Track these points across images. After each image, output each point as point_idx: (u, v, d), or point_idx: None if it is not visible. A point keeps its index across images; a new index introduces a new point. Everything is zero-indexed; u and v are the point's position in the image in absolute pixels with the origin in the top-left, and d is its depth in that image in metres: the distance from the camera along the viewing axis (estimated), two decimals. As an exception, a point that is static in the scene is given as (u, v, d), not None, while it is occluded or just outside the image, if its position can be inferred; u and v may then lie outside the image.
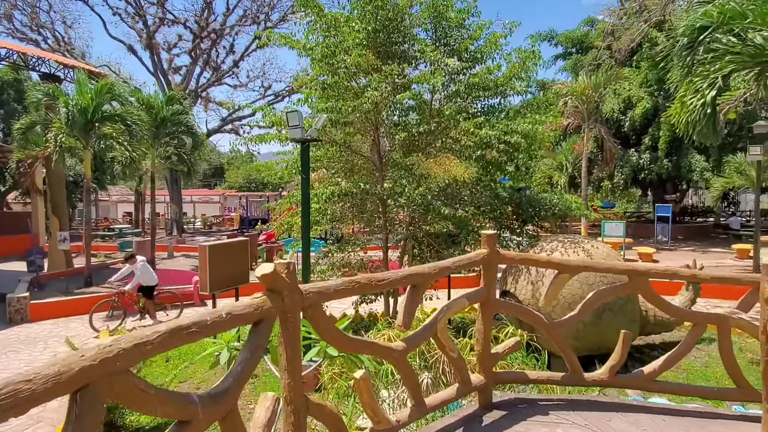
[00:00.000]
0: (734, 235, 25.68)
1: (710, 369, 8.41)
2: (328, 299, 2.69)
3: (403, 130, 8.66)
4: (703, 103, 6.69)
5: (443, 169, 7.55)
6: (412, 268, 3.24)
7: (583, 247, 8.33)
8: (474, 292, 3.75)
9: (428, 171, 7.72)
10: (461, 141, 8.63)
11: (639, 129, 24.07)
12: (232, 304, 2.30)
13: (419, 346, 4.35)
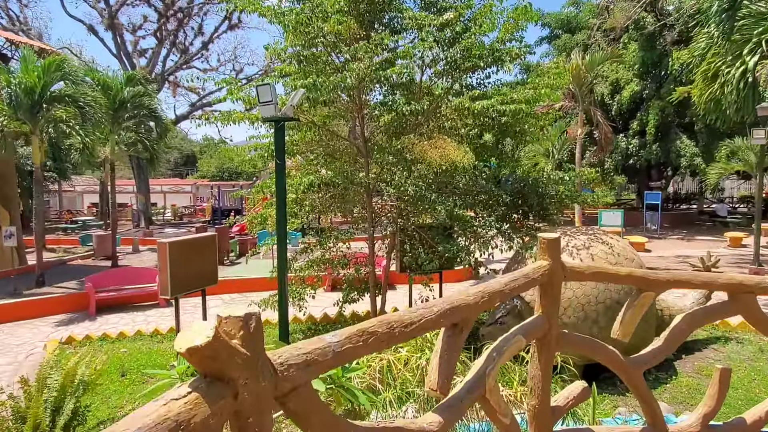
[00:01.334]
0: (721, 222, 25.29)
1: (735, 374, 7.55)
2: (324, 370, 1.59)
3: (390, 111, 7.54)
4: (744, 70, 5.74)
5: (439, 152, 6.49)
6: (451, 298, 2.16)
7: (602, 240, 7.36)
8: (530, 324, 2.71)
9: (422, 155, 6.65)
10: (455, 121, 7.57)
11: (627, 113, 23.36)
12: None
13: (461, 417, 3.25)
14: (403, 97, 8.00)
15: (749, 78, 5.81)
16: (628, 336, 2.99)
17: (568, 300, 6.89)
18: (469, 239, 8.11)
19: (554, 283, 2.70)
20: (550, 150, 19.72)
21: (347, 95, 7.55)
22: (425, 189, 6.84)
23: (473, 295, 2.21)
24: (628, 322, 2.97)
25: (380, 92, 8.54)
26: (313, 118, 8.30)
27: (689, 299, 8.67)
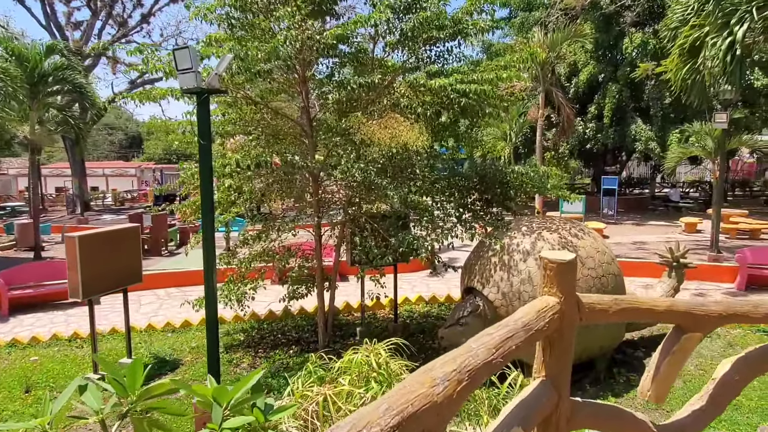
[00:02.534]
0: (674, 207, 25.52)
1: (708, 374, 7.06)
2: None
3: (338, 86, 6.57)
4: (732, 42, 5.07)
5: (390, 133, 5.62)
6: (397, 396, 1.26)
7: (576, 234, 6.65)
8: (531, 401, 1.87)
9: (370, 136, 5.75)
10: (412, 99, 6.68)
11: (584, 97, 23.04)
12: None
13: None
14: (354, 70, 7.06)
15: (737, 50, 5.16)
16: (664, 398, 2.18)
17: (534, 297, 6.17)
18: (426, 229, 7.28)
19: (565, 332, 1.85)
20: (508, 133, 19.16)
21: (285, 66, 6.53)
22: (375, 174, 5.94)
23: (438, 381, 1.32)
24: (664, 379, 2.17)
25: (328, 66, 7.57)
26: (249, 93, 7.25)
27: (657, 292, 8.15)
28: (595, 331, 6.41)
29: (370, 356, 4.26)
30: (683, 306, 2.28)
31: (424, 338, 8.67)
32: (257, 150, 7.59)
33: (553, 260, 1.89)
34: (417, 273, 13.35)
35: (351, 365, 4.22)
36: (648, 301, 2.36)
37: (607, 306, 2.09)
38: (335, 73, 7.08)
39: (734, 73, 5.23)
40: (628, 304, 2.27)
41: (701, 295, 11.04)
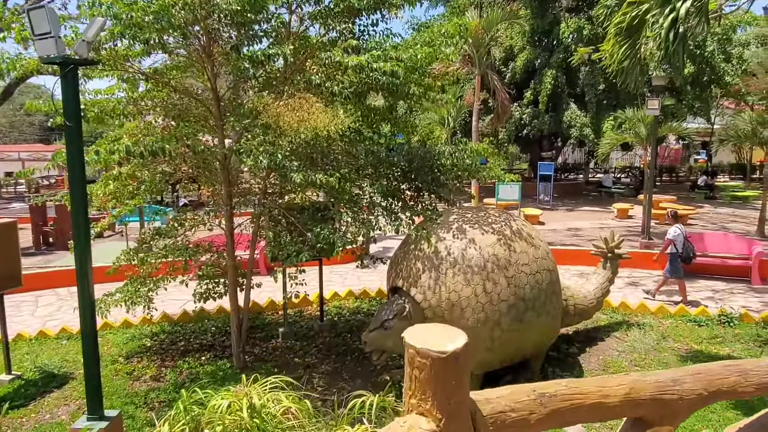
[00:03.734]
0: (606, 193, 26.02)
1: (643, 370, 6.79)
2: None
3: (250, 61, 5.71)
4: (674, 19, 4.64)
5: (299, 116, 4.87)
6: None
7: (509, 227, 6.12)
8: None
9: (276, 119, 4.98)
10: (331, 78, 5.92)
11: (521, 82, 22.92)
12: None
13: None
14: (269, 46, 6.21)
15: (680, 28, 4.74)
16: None
17: (467, 299, 5.64)
18: (349, 221, 6.58)
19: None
20: (446, 118, 18.70)
21: (183, 36, 5.62)
22: (284, 158, 5.16)
23: None
24: None
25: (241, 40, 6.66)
26: (142, 68, 6.27)
27: (592, 284, 7.84)
28: (529, 330, 5.96)
29: (243, 400, 3.49)
30: (649, 389, 1.62)
31: (353, 338, 8.04)
32: (156, 134, 6.63)
33: (426, 352, 1.07)
34: (349, 265, 12.68)
35: (216, 414, 3.44)
36: (592, 388, 1.57)
37: (526, 413, 1.32)
38: (245, 47, 6.20)
39: (677, 52, 4.82)
40: (563, 402, 1.50)
41: (634, 284, 10.97)
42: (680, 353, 7.29)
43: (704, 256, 11.23)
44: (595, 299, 7.72)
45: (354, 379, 6.87)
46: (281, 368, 7.15)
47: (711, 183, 26.36)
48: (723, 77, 20.42)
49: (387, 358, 6.34)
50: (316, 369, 7.14)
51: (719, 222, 18.19)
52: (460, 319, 5.65)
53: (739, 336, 7.85)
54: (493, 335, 5.72)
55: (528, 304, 5.87)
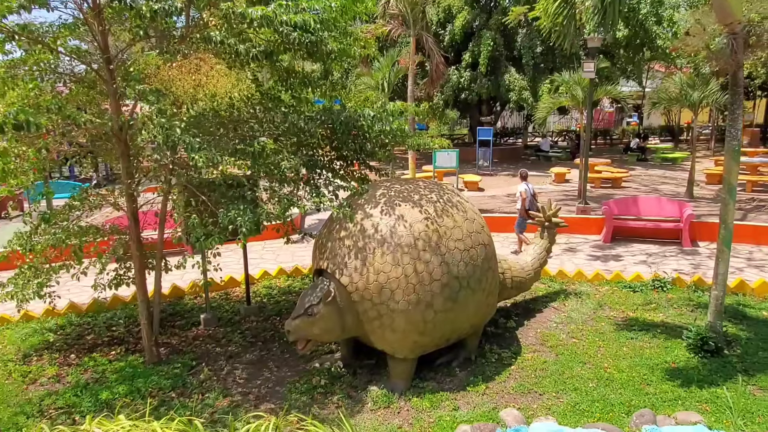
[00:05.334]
0: (544, 157, 26.23)
1: (580, 342, 6.62)
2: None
3: (136, 15, 4.84)
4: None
5: (195, 80, 4.16)
6: None
7: (441, 201, 5.65)
8: None
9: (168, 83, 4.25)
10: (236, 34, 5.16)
11: (459, 44, 22.41)
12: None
13: None
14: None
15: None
16: None
17: (397, 280, 5.17)
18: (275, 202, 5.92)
19: None
20: (382, 82, 18.00)
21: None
22: (184, 132, 4.44)
23: None
24: None
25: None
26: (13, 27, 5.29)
27: (530, 254, 7.59)
28: (464, 309, 5.59)
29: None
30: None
31: (282, 322, 7.47)
32: (47, 101, 5.66)
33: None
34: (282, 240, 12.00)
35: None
36: None
37: None
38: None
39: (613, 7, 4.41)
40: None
41: (571, 250, 10.91)
42: (616, 321, 7.18)
43: (639, 220, 11.29)
44: (533, 270, 7.48)
45: (280, 368, 6.35)
46: (201, 359, 6.54)
47: (643, 146, 27.05)
48: (655, 40, 20.61)
49: (314, 346, 5.85)
50: (239, 358, 6.57)
51: (651, 184, 18.61)
52: (390, 301, 5.20)
53: (672, 301, 7.84)
54: (426, 317, 5.31)
55: (462, 282, 5.48)
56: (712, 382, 5.54)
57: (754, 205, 14.27)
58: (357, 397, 5.56)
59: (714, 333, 6.16)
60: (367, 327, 5.41)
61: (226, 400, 5.57)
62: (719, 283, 6.20)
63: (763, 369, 5.78)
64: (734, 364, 5.90)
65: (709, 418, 4.84)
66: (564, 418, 4.93)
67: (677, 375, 5.70)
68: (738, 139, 6.01)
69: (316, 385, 5.79)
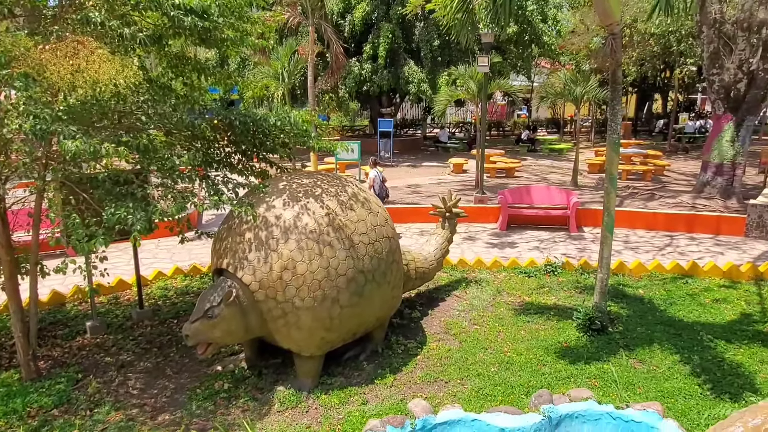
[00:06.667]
0: (443, 148, 27.02)
1: (482, 328, 6.88)
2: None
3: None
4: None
5: (73, 65, 3.74)
6: None
7: (344, 194, 5.57)
8: None
9: (40, 69, 3.79)
10: (120, 16, 4.73)
11: (359, 36, 22.39)
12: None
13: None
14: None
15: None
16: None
17: (302, 277, 5.04)
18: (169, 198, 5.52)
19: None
20: (281, 73, 17.54)
21: None
22: (55, 122, 3.99)
23: None
24: None
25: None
26: None
27: (432, 245, 7.74)
28: (370, 303, 5.58)
29: None
30: None
31: (180, 325, 7.05)
32: None
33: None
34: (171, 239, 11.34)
35: None
36: None
37: None
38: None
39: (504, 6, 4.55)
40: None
41: (470, 239, 11.31)
42: (514, 306, 7.54)
43: (531, 208, 11.94)
44: (436, 260, 7.64)
45: (180, 373, 5.99)
46: (88, 371, 6.00)
47: (532, 137, 28.72)
48: (541, 37, 21.90)
49: (216, 350, 5.56)
50: (132, 367, 6.11)
51: (541, 174, 19.80)
52: (295, 299, 5.06)
53: (562, 284, 8.37)
54: (332, 313, 5.23)
55: (368, 276, 5.46)
56: (600, 359, 5.98)
57: (629, 192, 15.64)
58: (263, 399, 5.37)
59: (600, 312, 6.65)
60: (272, 326, 5.23)
61: (119, 414, 5.15)
62: (603, 266, 6.69)
63: (641, 343, 6.34)
64: (617, 341, 6.41)
65: (598, 393, 5.21)
66: (469, 404, 5.08)
67: (569, 354, 6.09)
68: (618, 132, 6.49)
69: (219, 390, 5.53)
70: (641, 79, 30.65)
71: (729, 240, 10.89)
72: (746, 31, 12.75)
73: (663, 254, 9.99)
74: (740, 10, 12.82)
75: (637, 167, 18.44)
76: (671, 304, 7.53)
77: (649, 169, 18.04)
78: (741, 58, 12.96)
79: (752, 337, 6.47)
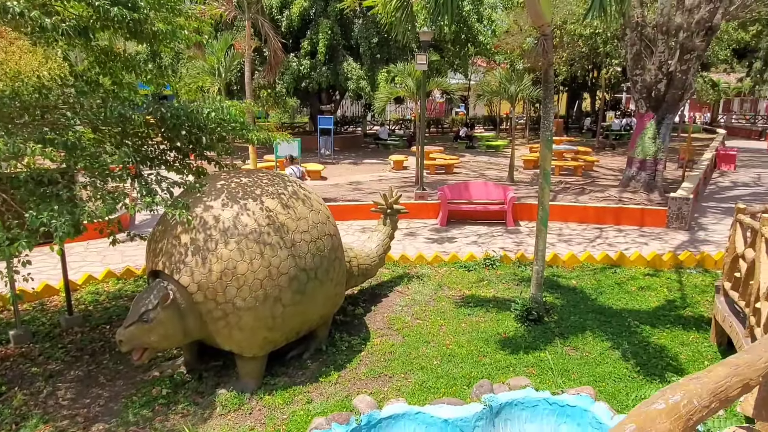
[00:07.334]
0: (383, 145, 27.16)
1: (424, 322, 6.99)
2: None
3: None
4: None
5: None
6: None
7: (285, 193, 5.50)
8: None
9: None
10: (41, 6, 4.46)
11: (297, 31, 22.11)
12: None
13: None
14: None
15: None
16: None
17: (243, 277, 4.94)
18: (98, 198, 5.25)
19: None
20: (217, 68, 17.06)
21: None
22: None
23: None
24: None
25: None
26: None
27: (374, 242, 7.78)
28: (313, 301, 5.55)
29: None
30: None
31: (113, 330, 6.74)
32: None
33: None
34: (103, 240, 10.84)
35: None
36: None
37: None
38: None
39: (446, 5, 4.64)
40: None
41: (411, 235, 11.44)
42: (455, 300, 7.70)
43: (470, 204, 12.22)
44: (378, 257, 7.69)
45: (114, 381, 5.75)
46: (12, 383, 5.64)
47: (470, 134, 29.37)
48: (477, 37, 22.42)
49: (153, 355, 5.37)
50: (62, 377, 5.80)
51: (479, 170, 20.29)
52: (236, 299, 4.96)
53: (501, 277, 8.63)
54: (274, 312, 5.17)
55: (310, 274, 5.43)
56: (537, 348, 6.21)
57: (562, 187, 16.30)
58: (204, 403, 5.24)
59: (536, 303, 6.91)
60: (212, 328, 5.11)
61: (48, 427, 4.89)
62: (539, 259, 6.95)
63: (574, 331, 6.63)
64: (553, 330, 6.68)
65: (535, 380, 5.41)
66: (413, 398, 5.16)
67: (508, 344, 6.29)
68: (550, 129, 6.75)
69: (157, 396, 5.35)
70: (571, 79, 31.99)
71: (652, 231, 11.57)
72: (665, 34, 13.55)
73: (593, 246, 10.48)
74: (660, 15, 13.61)
75: (569, 163, 19.25)
76: (601, 293, 7.92)
77: (579, 165, 18.86)
78: (661, 60, 13.77)
79: (674, 322, 6.91)
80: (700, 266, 9.04)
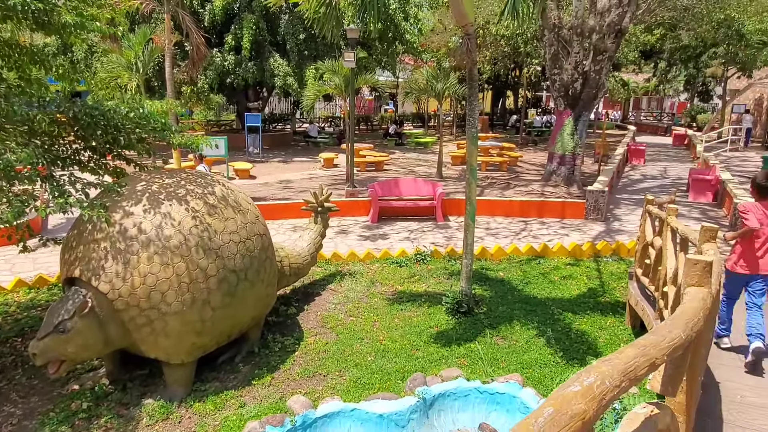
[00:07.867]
0: (313, 143, 26.91)
1: (358, 319, 7.01)
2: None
3: None
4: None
5: None
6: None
7: (210, 193, 5.32)
8: None
9: None
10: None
11: (220, 26, 21.45)
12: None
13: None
14: None
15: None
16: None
17: (168, 281, 4.76)
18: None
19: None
20: (135, 62, 16.24)
21: None
22: None
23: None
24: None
25: None
26: None
27: (305, 240, 7.72)
28: (243, 303, 5.43)
29: None
30: None
31: (26, 343, 6.30)
32: None
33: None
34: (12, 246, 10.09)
35: None
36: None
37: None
38: None
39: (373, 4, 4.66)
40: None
41: (343, 232, 11.43)
42: (387, 296, 7.78)
43: (400, 200, 12.37)
44: (310, 255, 7.63)
45: (28, 397, 5.37)
46: None
47: (399, 131, 29.67)
48: (404, 35, 22.66)
49: (71, 367, 5.06)
50: (-33, 396, 5.35)
51: (408, 166, 20.55)
52: (161, 305, 4.77)
53: (432, 271, 8.80)
54: (203, 316, 5.01)
55: (240, 275, 5.31)
56: (467, 339, 6.39)
57: (488, 182, 16.82)
58: (129, 415, 5.00)
59: (466, 296, 7.11)
60: (136, 335, 4.88)
61: (-48, 452, 4.50)
62: (468, 252, 7.15)
63: (503, 321, 6.88)
64: (482, 321, 6.89)
65: (466, 371, 5.57)
66: (348, 395, 5.17)
67: (440, 337, 6.43)
68: (476, 126, 6.94)
69: (77, 411, 5.05)
70: (495, 77, 33.02)
71: (572, 222, 12.18)
72: (580, 36, 14.29)
73: (519, 238, 10.90)
74: (575, 17, 14.33)
75: (494, 159, 19.88)
76: (527, 283, 8.26)
77: (504, 161, 19.54)
78: (576, 60, 14.50)
79: (593, 308, 7.32)
80: (615, 254, 9.62)
